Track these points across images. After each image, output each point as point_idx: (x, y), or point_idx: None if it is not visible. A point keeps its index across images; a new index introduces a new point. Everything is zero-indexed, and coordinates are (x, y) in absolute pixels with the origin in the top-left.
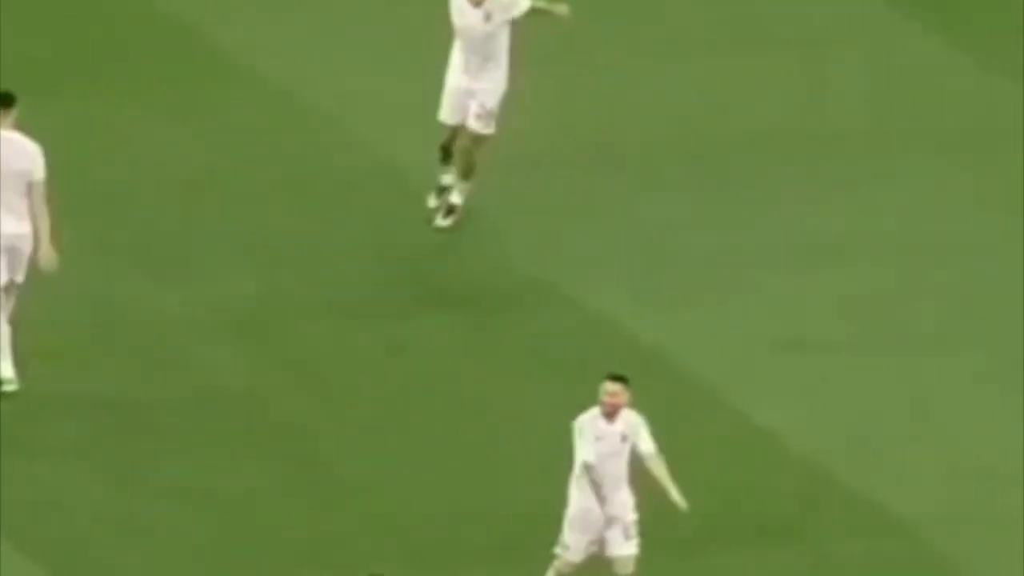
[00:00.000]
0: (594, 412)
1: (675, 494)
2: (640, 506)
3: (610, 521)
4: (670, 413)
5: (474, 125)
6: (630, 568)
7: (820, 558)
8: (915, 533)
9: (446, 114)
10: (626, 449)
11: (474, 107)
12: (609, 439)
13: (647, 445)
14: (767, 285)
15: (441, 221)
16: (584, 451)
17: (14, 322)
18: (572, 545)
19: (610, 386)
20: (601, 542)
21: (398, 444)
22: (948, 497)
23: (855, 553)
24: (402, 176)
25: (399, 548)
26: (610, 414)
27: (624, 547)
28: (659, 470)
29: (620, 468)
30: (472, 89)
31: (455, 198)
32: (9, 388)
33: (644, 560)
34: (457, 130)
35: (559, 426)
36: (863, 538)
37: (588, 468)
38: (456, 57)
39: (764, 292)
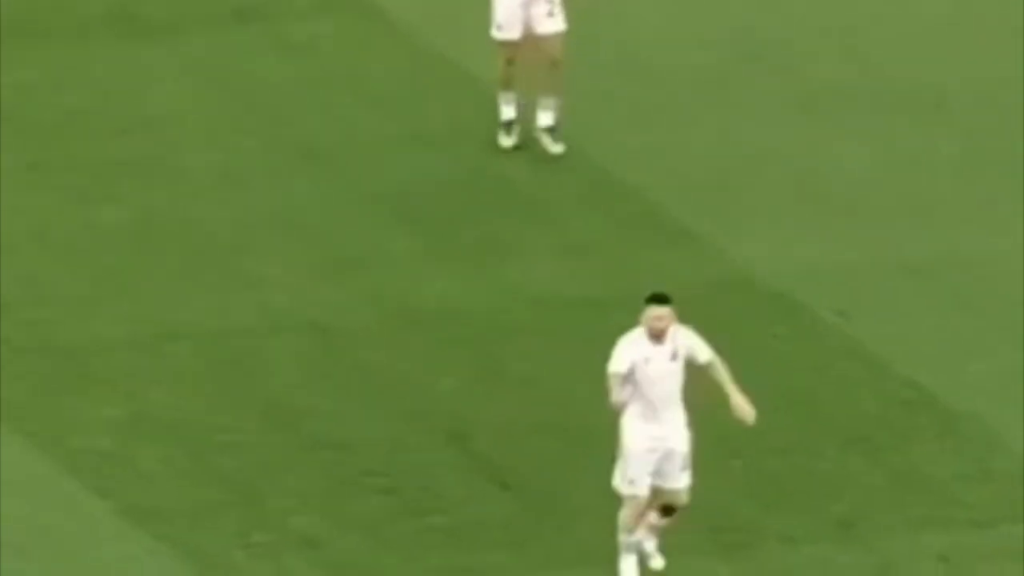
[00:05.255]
0: (637, 333)
1: (738, 398)
2: None
3: (669, 452)
4: None
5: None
6: (685, 499)
7: None
8: None
9: None
10: (678, 368)
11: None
12: (657, 360)
13: (705, 354)
14: None
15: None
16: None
17: None
18: (637, 479)
19: (655, 310)
20: (658, 474)
21: None
22: None
23: None
24: None
25: None
26: (657, 336)
27: (680, 479)
28: (720, 375)
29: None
30: None
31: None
32: None
33: None
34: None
35: None
36: None
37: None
38: None
39: None
